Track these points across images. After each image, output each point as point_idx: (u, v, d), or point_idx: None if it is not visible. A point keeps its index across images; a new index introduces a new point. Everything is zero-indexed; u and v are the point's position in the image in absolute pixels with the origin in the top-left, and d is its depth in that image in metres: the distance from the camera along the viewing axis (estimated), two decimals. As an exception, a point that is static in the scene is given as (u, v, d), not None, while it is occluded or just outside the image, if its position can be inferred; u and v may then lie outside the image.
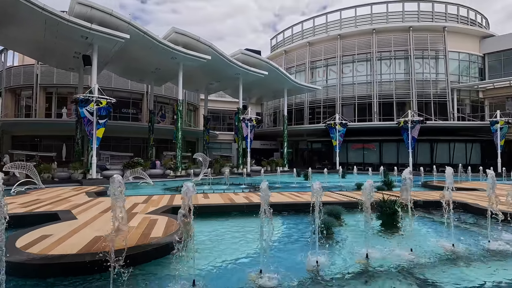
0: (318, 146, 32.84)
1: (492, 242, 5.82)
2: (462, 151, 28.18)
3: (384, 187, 14.27)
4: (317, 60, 35.49)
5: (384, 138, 29.12)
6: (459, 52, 32.49)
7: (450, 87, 31.33)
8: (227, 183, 16.22)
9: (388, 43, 32.11)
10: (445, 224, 7.34)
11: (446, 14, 32.98)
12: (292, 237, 6.49)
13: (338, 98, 33.34)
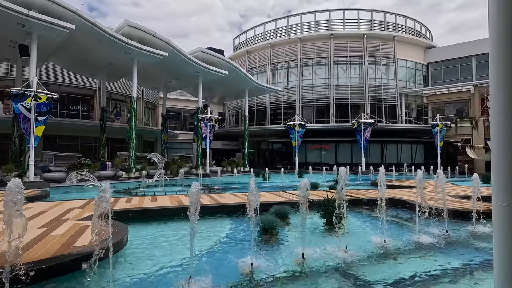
0: (279, 147, 33.44)
1: (421, 235, 6.27)
2: (408, 151, 30.57)
3: (336, 185, 14.89)
4: (278, 62, 36.09)
5: (340, 139, 30.52)
6: (406, 60, 35.23)
7: (399, 92, 33.84)
8: (182, 184, 15.70)
9: (344, 48, 33.72)
10: (382, 221, 7.82)
11: (396, 24, 35.56)
12: (236, 239, 6.38)
13: (298, 100, 34.22)
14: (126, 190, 13.58)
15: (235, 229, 7.15)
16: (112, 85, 30.87)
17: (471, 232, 6.86)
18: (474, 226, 7.14)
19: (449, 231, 6.63)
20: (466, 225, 7.46)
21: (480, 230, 7.01)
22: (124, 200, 9.25)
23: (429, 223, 7.52)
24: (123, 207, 7.98)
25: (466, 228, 7.17)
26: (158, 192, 13.19)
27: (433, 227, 7.03)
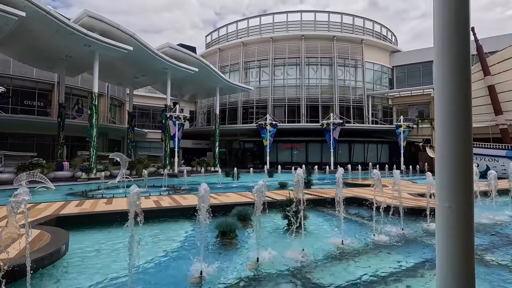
0: (250, 146, 33.31)
1: (377, 235, 6.34)
2: (374, 151, 31.81)
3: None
4: (251, 61, 35.93)
5: (310, 139, 31.01)
6: (373, 63, 36.62)
7: (366, 94, 35.10)
8: (146, 185, 14.97)
9: (315, 49, 34.31)
10: (342, 220, 7.86)
11: (364, 28, 36.84)
12: (192, 244, 6.04)
13: (270, 99, 34.30)
14: (82, 192, 12.66)
15: (194, 233, 6.81)
16: (73, 80, 28.92)
17: (425, 230, 7.09)
18: (428, 224, 7.40)
19: (405, 229, 6.78)
20: (422, 222, 7.73)
21: (433, 227, 7.29)
22: (75, 204, 8.53)
23: (387, 222, 7.69)
24: (70, 212, 7.32)
25: (421, 225, 7.42)
26: (118, 194, 12.44)
27: (390, 225, 7.18)
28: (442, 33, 1.76)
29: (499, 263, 4.85)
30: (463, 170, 1.93)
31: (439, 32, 1.79)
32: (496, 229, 7.02)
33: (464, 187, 2.00)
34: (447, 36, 1.77)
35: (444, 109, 1.85)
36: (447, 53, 1.78)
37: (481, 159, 23.63)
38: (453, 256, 1.90)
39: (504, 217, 8.15)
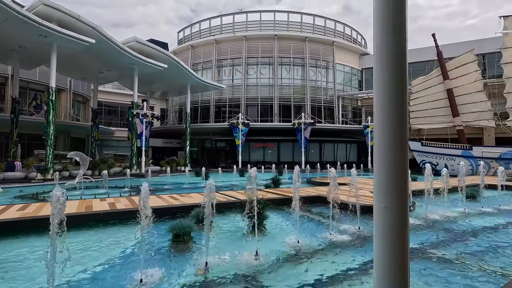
0: (223, 145, 32.91)
1: (334, 234, 6.36)
2: (343, 150, 32.71)
3: (271, 184, 14.96)
4: (224, 59, 35.49)
5: (282, 138, 31.22)
6: (344, 65, 37.65)
7: (337, 94, 36.01)
8: (106, 186, 14.15)
9: (288, 50, 34.59)
10: (302, 220, 7.86)
11: (335, 30, 37.74)
12: (149, 247, 5.66)
13: (243, 98, 34.10)
14: (33, 195, 11.68)
15: (147, 237, 6.42)
16: (30, 73, 26.84)
17: None
18: None
19: (362, 227, 6.87)
20: None
21: None
22: (17, 208, 7.78)
23: (346, 220, 7.79)
24: (8, 217, 6.62)
25: None
26: (74, 196, 11.61)
27: (348, 223, 7.26)
28: (381, 36, 1.79)
29: (443, 258, 5.01)
30: (398, 172, 1.99)
31: (377, 35, 1.83)
32: (444, 225, 7.33)
33: (399, 188, 2.05)
34: (385, 39, 1.81)
35: (380, 111, 1.86)
36: (385, 55, 1.81)
37: (440, 158, 25.09)
38: (389, 255, 1.93)
39: (453, 213, 8.57)
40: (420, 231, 6.76)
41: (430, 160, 25.42)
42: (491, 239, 6.15)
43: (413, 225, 7.25)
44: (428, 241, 6.02)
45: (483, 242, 5.96)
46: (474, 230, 6.88)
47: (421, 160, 26.24)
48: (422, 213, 8.38)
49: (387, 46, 1.92)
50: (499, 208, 9.50)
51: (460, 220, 7.92)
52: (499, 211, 9.08)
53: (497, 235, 6.50)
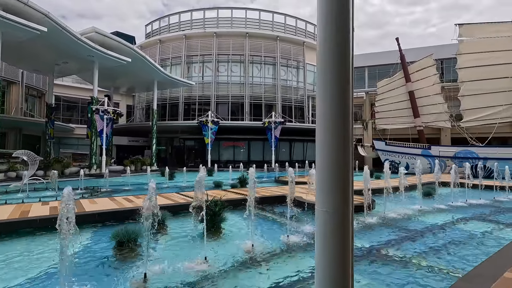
0: (192, 144, 32.00)
1: (291, 236, 6.16)
2: (313, 149, 33.19)
3: (238, 184, 14.64)
4: (194, 55, 34.53)
5: (252, 137, 31.01)
6: (314, 65, 38.20)
7: (307, 94, 36.50)
8: (55, 188, 12.97)
9: (259, 48, 34.43)
10: (260, 221, 7.63)
11: (306, 31, 38.21)
12: (83, 257, 5.07)
13: (213, 96, 33.42)
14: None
15: (92, 244, 5.82)
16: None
17: None
18: None
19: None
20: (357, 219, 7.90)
21: None
22: None
23: (309, 220, 7.66)
24: None
25: None
26: (15, 199, 10.45)
27: (310, 224, 7.13)
28: (324, 36, 1.75)
29: (394, 258, 4.98)
30: (341, 174, 1.85)
31: (320, 35, 1.78)
32: (400, 223, 7.44)
33: (342, 191, 1.89)
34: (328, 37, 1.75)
35: (323, 111, 1.80)
36: (328, 56, 1.74)
37: (402, 157, 26.29)
38: (330, 262, 1.85)
39: (410, 211, 8.79)
40: (376, 230, 6.79)
41: (393, 159, 26.55)
42: (440, 236, 6.30)
43: (370, 224, 7.28)
44: (381, 240, 6.02)
45: (433, 240, 6.07)
46: (426, 228, 7.04)
47: (385, 159, 27.31)
48: (382, 211, 8.50)
49: (330, 43, 1.75)
50: (450, 204, 9.94)
51: (415, 217, 8.12)
52: (450, 208, 9.49)
53: (446, 232, 6.68)
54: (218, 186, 14.63)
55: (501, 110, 23.20)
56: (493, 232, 6.63)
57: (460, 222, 7.64)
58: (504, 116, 23.23)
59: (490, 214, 8.67)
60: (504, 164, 19.11)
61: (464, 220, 7.82)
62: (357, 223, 7.24)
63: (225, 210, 7.02)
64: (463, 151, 23.55)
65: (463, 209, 9.36)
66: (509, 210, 9.29)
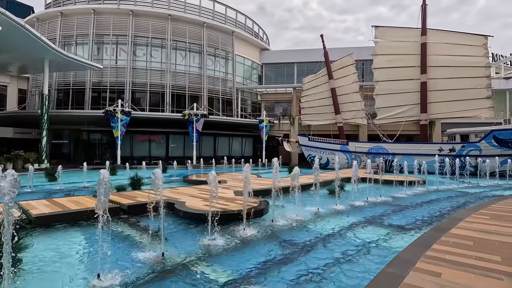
0: (99, 137, 27.49)
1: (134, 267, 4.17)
2: (239, 144, 31.92)
3: (127, 186, 12.05)
4: (105, 34, 29.79)
5: (171, 130, 28.11)
6: (244, 57, 36.92)
7: (236, 87, 34.98)
8: None
9: (183, 33, 31.47)
10: (101, 246, 5.44)
11: (236, 21, 36.51)
12: None
13: (129, 83, 29.37)
14: None
15: None
16: None
17: (240, 238, 5.54)
18: (244, 229, 5.89)
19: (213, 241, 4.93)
20: (236, 227, 6.27)
21: (250, 234, 5.85)
22: None
23: (177, 238, 5.80)
24: None
25: (235, 233, 5.87)
26: None
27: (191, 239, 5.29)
28: None
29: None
30: None
31: None
32: (287, 235, 6.07)
33: None
34: None
35: None
36: None
37: (323, 152, 26.67)
38: None
39: (305, 215, 7.63)
40: (249, 249, 5.25)
41: (315, 154, 26.79)
42: (326, 254, 5.04)
43: (248, 238, 5.74)
44: (245, 267, 4.44)
45: (316, 260, 4.75)
46: (315, 239, 5.80)
47: (308, 154, 27.47)
48: (276, 217, 7.14)
49: None
50: (351, 204, 9.22)
51: (308, 224, 6.93)
52: (350, 209, 8.71)
53: (335, 244, 5.50)
54: (120, 189, 11.83)
55: (407, 109, 25.09)
56: (382, 242, 5.68)
57: (354, 228, 6.67)
58: (409, 115, 25.16)
59: (385, 215, 8.04)
60: (409, 159, 20.48)
61: (358, 225, 6.90)
62: (227, 238, 5.62)
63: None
64: (376, 147, 24.83)
65: (361, 210, 8.65)
66: (403, 208, 8.90)
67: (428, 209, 8.80)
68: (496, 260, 3.92)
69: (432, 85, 24.13)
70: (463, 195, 11.90)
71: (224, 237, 5.75)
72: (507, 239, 4.94)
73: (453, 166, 17.79)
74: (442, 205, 9.57)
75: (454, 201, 10.24)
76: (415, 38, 24.71)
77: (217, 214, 6.75)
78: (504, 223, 6.08)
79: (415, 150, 23.12)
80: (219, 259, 4.77)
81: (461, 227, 5.70)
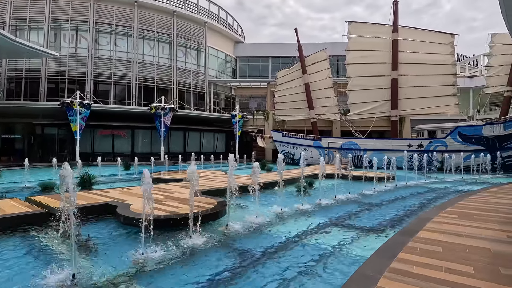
0: (55, 132, 25.20)
1: None
2: (210, 140, 30.80)
3: (75, 186, 10.72)
4: (63, 20, 27.28)
5: (137, 125, 26.42)
6: (217, 50, 35.63)
7: (208, 80, 33.69)
8: None
9: (151, 22, 29.63)
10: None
11: (209, 11, 35.03)
12: None
13: (90, 73, 27.18)
14: None
15: None
16: None
17: (184, 249, 4.64)
18: (190, 238, 4.98)
19: (147, 252, 3.97)
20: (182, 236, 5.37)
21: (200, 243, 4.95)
22: None
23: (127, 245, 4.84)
24: None
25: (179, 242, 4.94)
26: None
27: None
28: None
29: None
30: None
31: None
32: (239, 242, 5.29)
33: None
34: None
35: None
36: None
37: (297, 148, 26.29)
38: None
39: (266, 216, 6.90)
40: (194, 262, 4.41)
41: (289, 150, 26.36)
42: (282, 267, 4.32)
43: (193, 247, 4.90)
44: None
45: (268, 276, 4.01)
46: (271, 248, 5.07)
47: (281, 150, 26.96)
48: (234, 219, 6.36)
49: None
50: (318, 204, 8.65)
51: (267, 228, 6.21)
52: (316, 208, 8.12)
53: (292, 255, 4.80)
54: (46, 190, 10.45)
55: (379, 105, 25.27)
56: (345, 249, 5.06)
57: (317, 232, 6.03)
58: (380, 111, 25.37)
59: (352, 214, 7.52)
60: (380, 155, 20.55)
61: (322, 228, 6.28)
62: (169, 249, 4.74)
63: None
64: (348, 142, 24.80)
65: (328, 209, 8.09)
66: (371, 207, 8.47)
67: (396, 207, 8.43)
68: (468, 273, 3.38)
69: (403, 82, 24.44)
70: (431, 190, 11.81)
71: (165, 247, 4.87)
72: (477, 242, 4.49)
73: (421, 162, 18.00)
74: (410, 202, 9.28)
75: (422, 198, 10.02)
76: (387, 35, 24.84)
77: (160, 219, 5.86)
78: (472, 222, 5.72)
79: (385, 146, 23.34)
80: (151, 278, 3.90)
81: (429, 229, 5.23)
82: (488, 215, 6.38)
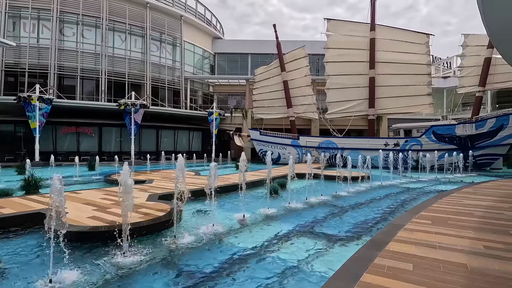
0: (11, 129, 23.16)
1: None
2: (186, 138, 29.64)
3: (15, 191, 9.47)
4: (23, 7, 25.12)
5: (105, 122, 24.85)
6: (194, 45, 34.39)
7: (185, 76, 32.41)
8: None
9: (123, 13, 27.97)
10: None
11: (186, 5, 33.73)
12: None
13: (53, 66, 25.23)
14: None
15: None
16: None
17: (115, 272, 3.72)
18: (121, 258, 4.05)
19: None
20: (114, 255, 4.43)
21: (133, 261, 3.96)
22: None
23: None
24: None
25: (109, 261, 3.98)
26: None
27: None
28: None
29: None
30: None
31: None
32: (187, 259, 4.47)
33: None
34: None
35: None
36: None
37: (274, 147, 25.71)
38: None
39: (227, 224, 6.12)
40: (130, 284, 3.56)
41: (266, 149, 25.72)
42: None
43: (133, 266, 4.03)
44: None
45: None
46: (226, 265, 4.31)
47: (259, 149, 26.31)
48: (187, 228, 5.54)
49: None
50: (287, 206, 7.99)
51: (224, 239, 5.43)
52: (284, 213, 7.44)
53: (247, 275, 4.06)
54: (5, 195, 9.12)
55: (356, 104, 25.15)
56: (309, 266, 4.38)
57: (281, 242, 5.33)
58: (358, 109, 25.27)
59: (322, 220, 6.90)
60: (357, 153, 20.34)
61: (287, 237, 5.59)
62: (95, 270, 3.85)
63: None
64: (325, 141, 24.50)
65: (296, 214, 7.43)
66: (343, 211, 7.90)
67: (369, 211, 7.92)
68: (442, 302, 2.76)
69: (380, 81, 24.42)
70: (405, 191, 11.51)
71: (88, 270, 3.97)
72: (452, 256, 3.95)
73: (397, 161, 17.89)
74: (384, 203, 8.83)
75: (396, 199, 9.62)
76: (365, 33, 24.71)
77: (86, 231, 4.95)
78: (446, 229, 5.23)
79: (362, 145, 23.22)
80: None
81: (400, 239, 4.66)
82: (462, 220, 5.95)
